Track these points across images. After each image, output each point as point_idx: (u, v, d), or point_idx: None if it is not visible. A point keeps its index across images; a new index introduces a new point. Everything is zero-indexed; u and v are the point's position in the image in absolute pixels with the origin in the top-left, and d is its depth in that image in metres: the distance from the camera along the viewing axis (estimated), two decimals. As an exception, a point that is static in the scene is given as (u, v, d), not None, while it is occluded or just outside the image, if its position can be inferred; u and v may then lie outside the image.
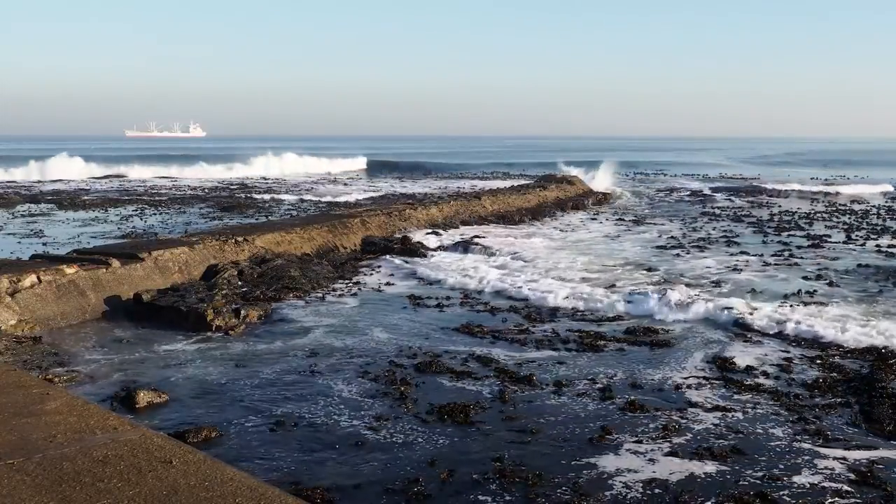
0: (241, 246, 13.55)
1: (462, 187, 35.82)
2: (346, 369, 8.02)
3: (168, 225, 20.67)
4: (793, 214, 23.77)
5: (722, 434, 6.27)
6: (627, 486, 5.32)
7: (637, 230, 20.28)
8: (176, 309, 9.97)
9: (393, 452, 5.92)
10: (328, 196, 30.76)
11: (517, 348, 8.89)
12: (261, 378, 7.76)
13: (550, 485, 5.35)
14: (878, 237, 18.40)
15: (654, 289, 11.46)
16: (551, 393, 7.30)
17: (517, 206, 24.13)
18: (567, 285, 12.09)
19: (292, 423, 6.52)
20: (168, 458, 4.44)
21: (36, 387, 5.88)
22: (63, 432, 4.84)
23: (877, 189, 34.36)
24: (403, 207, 20.08)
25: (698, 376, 7.79)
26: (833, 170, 53.12)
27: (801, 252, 15.98)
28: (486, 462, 5.73)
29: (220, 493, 4.00)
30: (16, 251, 15.16)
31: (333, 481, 5.41)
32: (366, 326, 9.82)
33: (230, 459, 5.29)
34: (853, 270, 13.80)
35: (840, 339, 8.91)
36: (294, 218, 19.83)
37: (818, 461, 5.75)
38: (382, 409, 6.85)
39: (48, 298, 9.87)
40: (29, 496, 3.93)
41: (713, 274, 13.45)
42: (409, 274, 13.58)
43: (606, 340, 9.15)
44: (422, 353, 8.62)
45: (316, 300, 11.33)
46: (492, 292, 12.04)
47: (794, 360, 8.36)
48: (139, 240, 16.25)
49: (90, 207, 25.38)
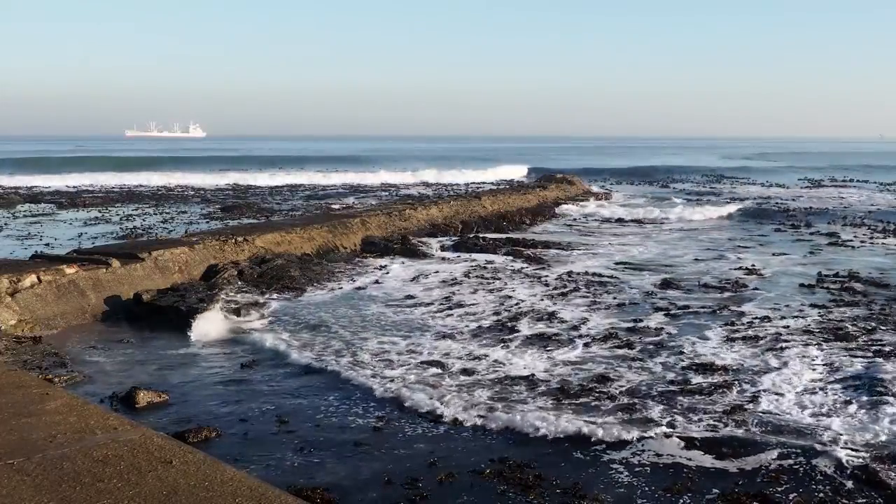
0: (241, 246, 13.55)
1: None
2: (347, 370, 8.02)
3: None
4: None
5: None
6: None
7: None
8: (176, 309, 9.97)
9: (394, 454, 5.94)
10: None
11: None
12: (261, 378, 7.77)
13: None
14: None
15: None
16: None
17: (517, 206, 24.13)
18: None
19: (293, 422, 6.53)
20: (168, 458, 4.45)
21: (36, 387, 5.89)
22: (63, 432, 4.84)
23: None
24: (404, 207, 20.07)
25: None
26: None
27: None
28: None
29: (220, 493, 4.00)
30: (16, 251, 15.16)
31: (332, 480, 5.43)
32: (365, 325, 9.83)
33: (230, 459, 5.29)
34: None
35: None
36: (294, 218, 19.84)
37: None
38: (383, 413, 6.87)
39: (48, 298, 9.87)
40: (29, 496, 3.93)
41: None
42: (408, 274, 13.58)
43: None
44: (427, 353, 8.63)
45: (316, 300, 11.33)
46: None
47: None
48: (139, 240, 16.26)
49: (90, 207, 25.39)
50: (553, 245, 17.01)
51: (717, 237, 19.10)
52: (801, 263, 14.79)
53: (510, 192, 26.83)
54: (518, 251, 15.94)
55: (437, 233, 18.68)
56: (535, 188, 28.54)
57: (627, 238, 18.91)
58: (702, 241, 18.33)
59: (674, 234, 19.88)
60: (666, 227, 21.15)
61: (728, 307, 10.78)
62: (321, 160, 62.76)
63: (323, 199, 29.57)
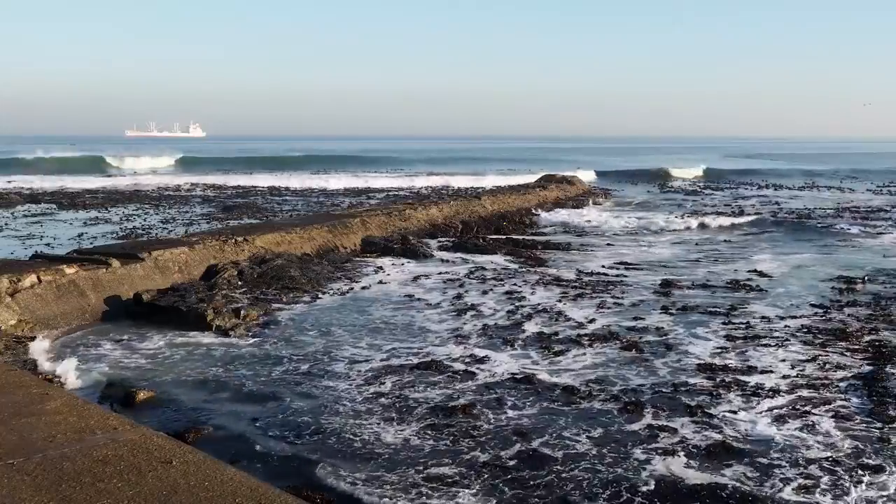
0: (241, 246, 13.54)
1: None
2: (346, 369, 8.03)
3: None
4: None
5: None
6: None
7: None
8: (176, 309, 9.97)
9: (395, 455, 5.94)
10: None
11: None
12: (261, 378, 7.77)
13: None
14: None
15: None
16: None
17: (517, 206, 24.11)
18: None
19: (293, 422, 6.53)
20: (168, 458, 4.44)
21: (36, 387, 5.89)
22: (63, 432, 4.84)
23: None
24: (403, 207, 20.07)
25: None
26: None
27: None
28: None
29: (220, 493, 4.00)
30: (16, 251, 15.16)
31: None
32: (365, 325, 9.84)
33: (229, 458, 5.30)
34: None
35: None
36: (294, 218, 19.82)
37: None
38: (384, 416, 6.86)
39: (48, 298, 9.87)
40: (29, 496, 3.93)
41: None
42: (409, 274, 13.58)
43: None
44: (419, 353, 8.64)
45: (316, 300, 11.33)
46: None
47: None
48: (139, 240, 16.25)
49: (91, 207, 25.38)
50: (553, 245, 17.01)
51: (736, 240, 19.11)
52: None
53: (510, 192, 26.81)
54: (518, 251, 15.94)
55: (438, 233, 18.66)
56: (535, 188, 28.53)
57: (628, 239, 18.92)
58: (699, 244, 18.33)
59: (674, 235, 19.88)
60: (666, 228, 21.14)
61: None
62: (321, 160, 62.76)
63: (323, 199, 29.56)
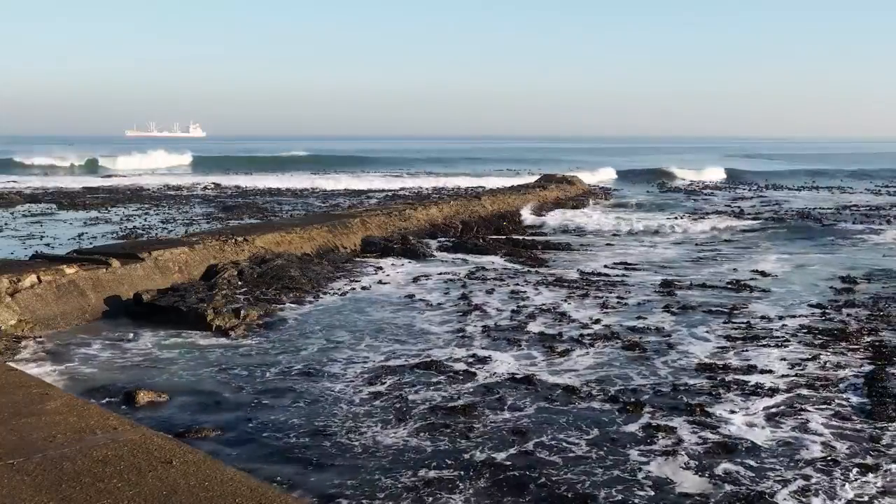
0: (241, 246, 13.54)
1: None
2: (345, 369, 8.03)
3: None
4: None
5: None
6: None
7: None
8: (176, 309, 9.97)
9: (396, 456, 5.94)
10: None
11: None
12: (261, 378, 7.77)
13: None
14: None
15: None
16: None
17: (517, 207, 24.11)
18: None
19: (292, 422, 6.53)
20: (168, 458, 4.44)
21: (36, 387, 5.88)
22: (63, 432, 4.84)
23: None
24: (403, 207, 20.07)
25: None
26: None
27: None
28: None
29: (220, 493, 4.00)
30: (16, 251, 15.16)
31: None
32: (365, 326, 9.84)
33: (229, 459, 5.30)
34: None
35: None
36: (294, 218, 19.82)
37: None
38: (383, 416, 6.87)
39: (48, 298, 9.87)
40: (29, 496, 3.93)
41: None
42: (409, 274, 13.58)
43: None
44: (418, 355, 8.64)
45: (316, 300, 11.33)
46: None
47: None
48: (139, 240, 16.25)
49: (91, 207, 25.38)
50: (554, 245, 17.01)
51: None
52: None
53: (510, 192, 26.80)
54: (519, 252, 15.94)
55: (438, 233, 18.66)
56: (535, 188, 28.52)
57: (629, 239, 18.92)
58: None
59: (675, 235, 19.89)
60: (667, 228, 21.13)
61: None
62: (321, 160, 62.74)
63: (323, 199, 29.56)
